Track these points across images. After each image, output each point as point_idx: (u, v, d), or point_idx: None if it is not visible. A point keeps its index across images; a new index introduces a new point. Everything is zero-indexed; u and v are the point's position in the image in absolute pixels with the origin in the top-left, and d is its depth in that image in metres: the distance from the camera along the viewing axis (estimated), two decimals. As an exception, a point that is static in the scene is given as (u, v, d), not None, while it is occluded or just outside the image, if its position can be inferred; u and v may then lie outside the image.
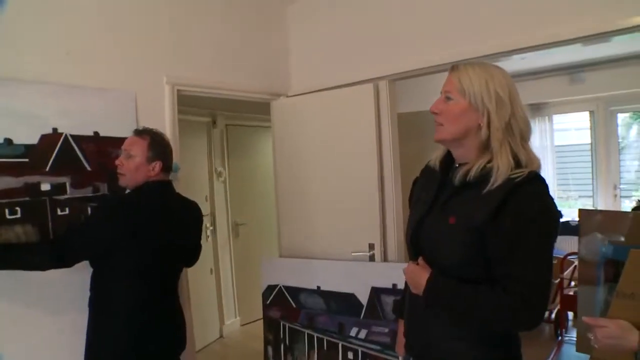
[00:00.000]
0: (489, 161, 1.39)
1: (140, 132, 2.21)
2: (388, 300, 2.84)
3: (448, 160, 1.57)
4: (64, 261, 2.03)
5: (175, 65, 2.93)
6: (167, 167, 2.22)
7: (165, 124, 2.77)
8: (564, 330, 4.60)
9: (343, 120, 3.27)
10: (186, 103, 3.02)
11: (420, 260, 1.49)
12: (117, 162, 2.19)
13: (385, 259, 3.12)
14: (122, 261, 2.06)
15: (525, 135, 1.42)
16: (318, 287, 3.19)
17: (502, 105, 1.39)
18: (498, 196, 1.32)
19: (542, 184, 1.37)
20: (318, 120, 3.40)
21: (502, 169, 1.35)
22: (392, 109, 3.16)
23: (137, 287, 2.10)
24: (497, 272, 1.34)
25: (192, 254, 2.42)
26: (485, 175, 1.38)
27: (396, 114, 3.20)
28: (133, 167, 2.14)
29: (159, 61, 2.85)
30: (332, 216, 3.35)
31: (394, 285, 2.79)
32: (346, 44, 3.39)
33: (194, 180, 4.47)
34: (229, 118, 5.15)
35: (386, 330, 2.81)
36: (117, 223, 2.02)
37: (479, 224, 1.34)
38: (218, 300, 5.15)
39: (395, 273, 2.25)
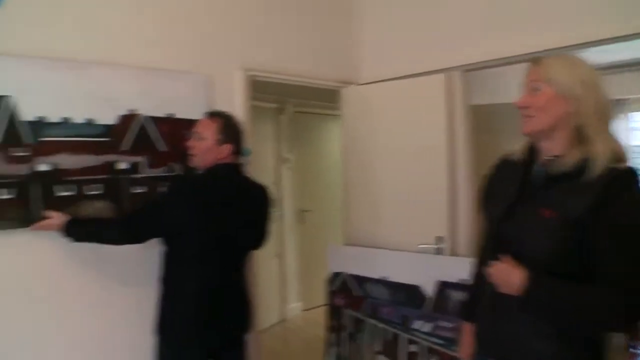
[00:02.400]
0: (583, 151, 1.33)
1: (212, 115, 2.25)
2: (455, 295, 2.76)
3: (531, 153, 1.50)
4: (137, 237, 2.13)
5: (248, 51, 2.95)
6: (238, 150, 2.24)
7: (237, 108, 2.79)
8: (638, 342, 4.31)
9: (414, 110, 3.19)
10: (255, 89, 3.04)
11: (506, 257, 1.41)
12: (189, 143, 2.24)
13: (454, 252, 3.04)
14: (191, 241, 2.10)
15: (612, 125, 1.38)
16: (383, 277, 3.14)
17: (590, 92, 1.33)
18: (600, 186, 1.26)
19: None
20: (388, 109, 3.34)
21: (601, 158, 1.28)
22: (465, 101, 3.06)
23: (205, 267, 2.14)
24: (601, 266, 1.27)
25: (259, 237, 2.44)
26: (581, 166, 1.31)
27: (469, 106, 3.09)
28: (203, 149, 2.19)
29: (233, 46, 2.88)
30: (399, 207, 3.29)
31: (461, 280, 2.71)
32: (419, 32, 3.30)
33: (261, 165, 4.52)
34: (297, 105, 5.16)
35: (452, 325, 2.73)
36: (187, 203, 2.07)
37: (579, 215, 1.27)
38: (281, 284, 5.22)
39: (463, 268, 2.17)
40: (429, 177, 3.12)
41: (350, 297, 3.36)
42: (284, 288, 5.23)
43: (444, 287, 2.83)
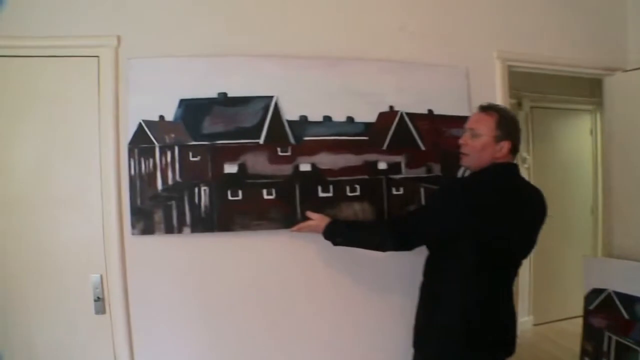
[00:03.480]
0: None
1: (486, 109, 2.00)
2: None
3: None
4: (406, 244, 1.96)
5: (505, 39, 2.67)
6: (516, 148, 1.97)
7: (497, 102, 2.52)
8: None
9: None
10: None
11: None
12: (461, 140, 2.01)
13: None
14: (463, 249, 1.88)
15: None
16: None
17: None
18: None
19: None
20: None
21: None
22: None
23: (476, 279, 1.91)
24: None
25: (529, 249, 2.14)
26: None
27: None
28: (479, 147, 1.94)
29: (489, 35, 2.63)
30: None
31: None
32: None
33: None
34: (534, 100, 4.70)
35: None
36: (462, 206, 1.85)
37: None
38: (511, 296, 4.81)
39: None
40: None
41: (614, 318, 2.90)
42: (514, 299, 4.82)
43: None
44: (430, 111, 2.38)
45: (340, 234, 2.08)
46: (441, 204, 1.93)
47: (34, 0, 2.10)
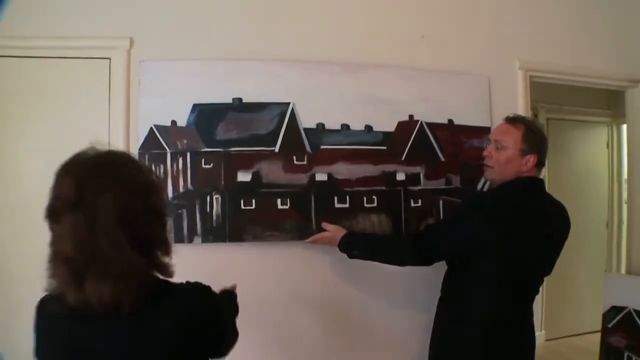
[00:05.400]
0: None
1: (513, 120, 1.92)
2: None
3: None
4: (426, 260, 1.89)
5: (527, 49, 2.60)
6: (542, 162, 1.89)
7: (519, 113, 2.45)
8: None
9: None
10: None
11: None
12: (485, 152, 1.94)
13: None
14: (483, 264, 1.80)
15: None
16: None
17: None
18: None
19: None
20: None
21: None
22: None
23: (495, 294, 1.83)
24: None
25: (550, 266, 2.05)
26: None
27: None
28: (504, 160, 1.86)
29: (511, 44, 2.56)
30: None
31: None
32: None
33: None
34: (550, 111, 4.62)
35: None
36: (483, 222, 1.77)
37: None
38: (522, 310, 4.73)
39: None
40: None
41: (634, 337, 2.82)
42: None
43: None
44: (450, 121, 2.31)
45: (357, 246, 2.00)
46: (462, 219, 1.87)
47: (45, 1, 2.06)
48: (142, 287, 0.95)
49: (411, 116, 2.25)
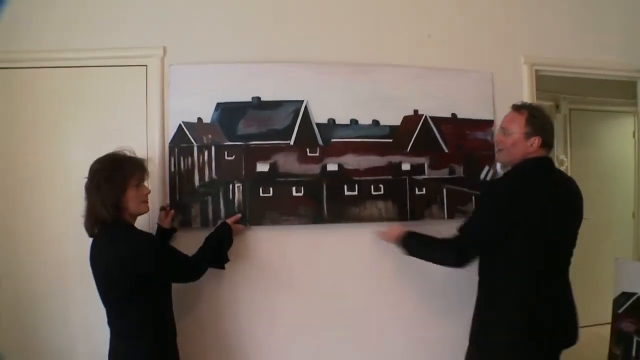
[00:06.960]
0: None
1: (518, 107, 2.08)
2: None
3: None
4: (466, 259, 2.03)
5: (532, 44, 2.71)
6: (547, 142, 2.03)
7: (524, 103, 2.59)
8: None
9: None
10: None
11: None
12: (496, 138, 2.15)
13: None
14: (514, 246, 1.93)
15: None
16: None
17: None
18: None
19: None
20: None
21: None
22: None
23: (528, 272, 1.95)
24: None
25: (573, 235, 2.12)
26: None
27: None
28: (510, 144, 2.02)
29: (515, 40, 2.69)
30: None
31: None
32: None
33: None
34: (573, 102, 4.63)
35: None
36: (503, 207, 1.91)
37: None
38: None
39: None
40: None
41: (644, 322, 2.86)
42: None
43: None
44: (454, 115, 2.48)
45: (414, 244, 2.17)
46: (483, 210, 2.02)
47: (93, 19, 2.36)
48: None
49: (416, 111, 2.43)
